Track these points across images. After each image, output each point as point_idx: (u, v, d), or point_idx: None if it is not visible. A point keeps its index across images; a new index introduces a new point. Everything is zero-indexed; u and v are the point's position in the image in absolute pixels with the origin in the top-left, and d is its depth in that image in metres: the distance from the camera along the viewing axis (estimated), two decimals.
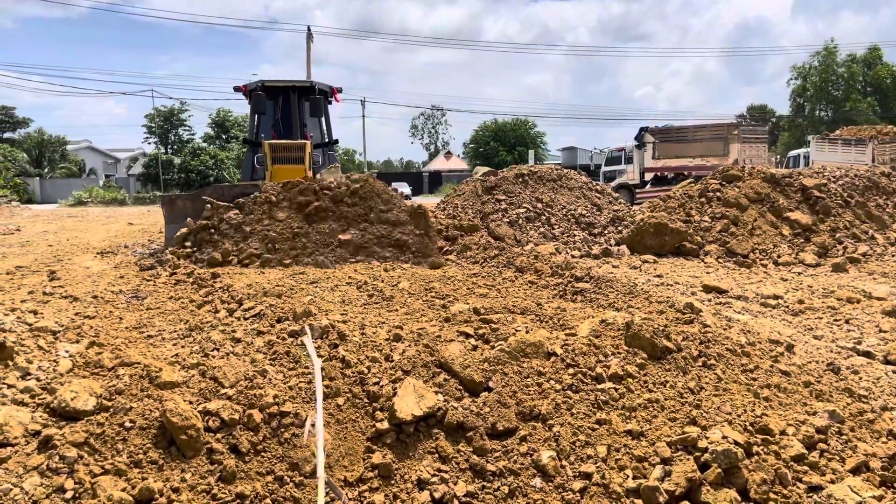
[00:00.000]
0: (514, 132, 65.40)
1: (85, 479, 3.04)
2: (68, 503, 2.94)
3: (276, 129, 13.94)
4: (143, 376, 3.81)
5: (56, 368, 3.87)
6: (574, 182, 14.65)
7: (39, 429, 3.26)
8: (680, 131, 27.92)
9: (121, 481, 3.07)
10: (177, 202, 9.73)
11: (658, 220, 12.45)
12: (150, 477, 3.12)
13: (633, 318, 4.73)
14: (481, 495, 3.36)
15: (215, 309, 5.81)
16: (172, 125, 64.70)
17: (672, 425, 3.77)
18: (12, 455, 3.13)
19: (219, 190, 10.03)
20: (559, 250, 11.94)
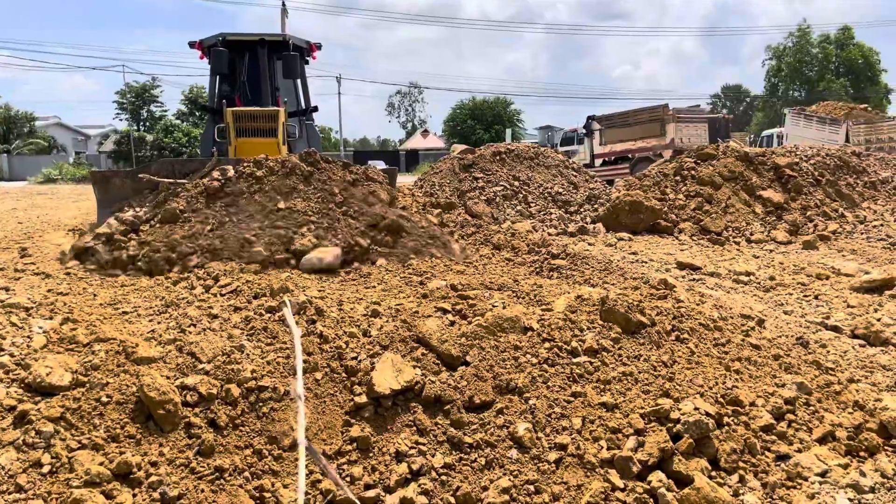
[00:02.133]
0: (491, 110, 65.29)
1: (62, 453, 3.03)
2: (45, 477, 2.94)
3: (242, 93, 11.19)
4: (119, 352, 3.79)
5: (30, 344, 3.84)
6: (551, 160, 14.71)
7: (14, 404, 3.24)
8: (622, 116, 28.77)
9: (98, 455, 3.07)
10: (112, 180, 7.81)
11: (633, 199, 12.55)
12: (128, 451, 3.13)
13: (609, 294, 4.79)
14: (458, 467, 3.41)
15: (191, 285, 5.78)
16: (144, 101, 63.69)
17: (645, 398, 3.84)
18: None
19: (167, 165, 8.10)
20: (536, 228, 12.00)
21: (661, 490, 3.20)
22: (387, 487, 3.28)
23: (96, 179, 7.97)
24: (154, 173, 7.67)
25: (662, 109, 26.49)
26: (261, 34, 11.07)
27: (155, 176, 7.62)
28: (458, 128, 65.14)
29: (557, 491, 3.26)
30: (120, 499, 2.89)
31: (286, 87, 11.88)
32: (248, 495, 3.13)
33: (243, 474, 3.21)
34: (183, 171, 7.71)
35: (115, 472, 3.00)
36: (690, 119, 26.22)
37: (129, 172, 8.00)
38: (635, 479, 3.33)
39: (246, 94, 11.13)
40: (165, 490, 2.97)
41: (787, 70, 65.41)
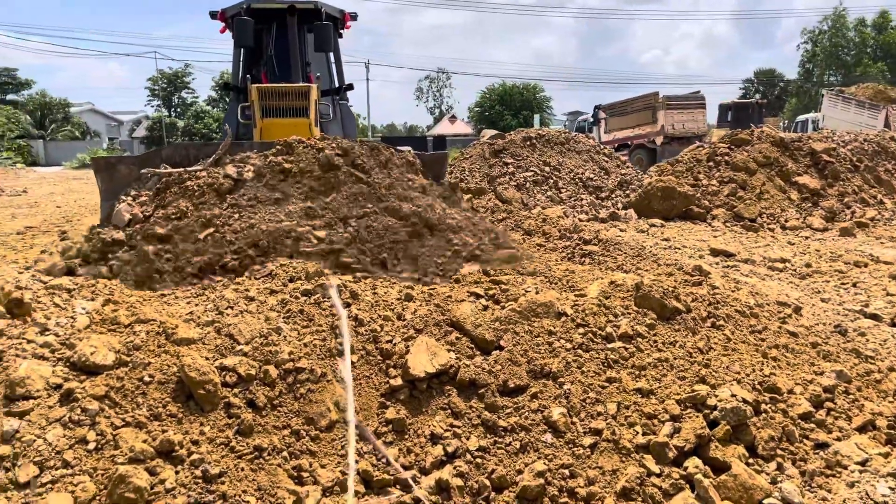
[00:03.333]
0: (520, 96, 64.84)
1: (107, 430, 3.10)
2: (91, 454, 3.01)
3: (269, 68, 9.96)
4: (160, 333, 3.86)
5: (74, 325, 3.92)
6: (582, 146, 14.60)
7: (60, 382, 3.32)
8: (622, 105, 28.99)
9: (142, 433, 3.14)
10: (118, 168, 6.59)
11: (666, 184, 12.43)
12: (170, 429, 3.19)
13: (643, 280, 4.75)
14: (493, 450, 3.42)
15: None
16: (176, 88, 64.36)
17: (681, 384, 3.82)
18: (35, 408, 3.19)
19: (181, 150, 6.93)
20: (567, 214, 11.94)
21: (698, 476, 3.19)
22: (422, 469, 3.31)
23: (99, 167, 6.65)
24: (167, 158, 6.65)
25: (653, 97, 26.47)
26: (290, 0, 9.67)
27: (167, 161, 6.59)
28: (485, 113, 64.82)
29: (592, 475, 3.27)
30: (163, 475, 2.96)
31: (318, 61, 10.62)
32: (286, 474, 3.17)
33: (282, 454, 3.25)
34: (198, 156, 6.71)
35: (158, 449, 3.07)
36: (683, 106, 25.98)
37: (136, 159, 6.69)
38: (671, 464, 3.32)
39: (273, 69, 9.88)
40: (207, 468, 3.03)
41: (822, 55, 63.95)
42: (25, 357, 3.44)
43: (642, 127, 26.59)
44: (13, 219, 11.90)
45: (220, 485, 3.00)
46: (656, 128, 25.68)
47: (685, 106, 25.92)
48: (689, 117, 25.56)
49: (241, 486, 3.04)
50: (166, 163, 6.54)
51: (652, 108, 26.23)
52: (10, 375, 3.25)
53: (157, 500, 2.87)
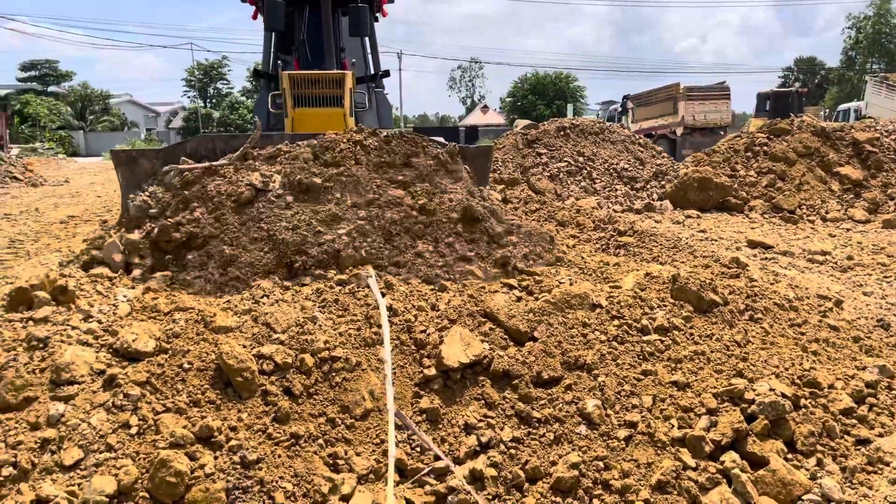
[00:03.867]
0: (553, 85, 64.35)
1: (148, 416, 3.17)
2: (133, 438, 3.08)
3: (301, 54, 9.29)
4: (199, 321, 3.93)
5: (116, 312, 4.01)
6: (616, 136, 14.45)
7: (104, 368, 3.39)
8: (647, 95, 28.95)
9: (182, 419, 3.20)
10: (140, 161, 6.01)
11: (702, 175, 12.25)
12: (209, 416, 3.25)
13: (680, 272, 4.70)
14: (527, 441, 3.42)
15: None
16: (212, 79, 65.12)
17: (718, 377, 3.78)
18: (79, 392, 3.27)
19: (207, 142, 6.27)
20: (601, 205, 11.84)
21: (735, 471, 3.15)
22: (456, 458, 3.32)
23: (119, 160, 6.01)
24: (191, 151, 6.04)
25: (675, 87, 26.33)
26: None
27: (192, 155, 5.99)
28: (518, 103, 64.47)
29: (627, 468, 3.25)
30: (203, 460, 3.01)
31: (353, 46, 9.97)
32: (322, 462, 3.21)
33: (317, 441, 3.29)
34: (225, 149, 6.05)
35: (198, 435, 3.13)
36: (705, 96, 25.72)
37: (158, 152, 6.10)
38: (707, 458, 3.28)
39: (306, 54, 9.22)
40: (245, 454, 3.08)
41: (865, 42, 62.24)
42: (70, 343, 3.52)
43: (665, 118, 26.61)
44: (56, 208, 12.18)
45: (257, 471, 3.05)
46: (677, 118, 25.64)
47: (707, 97, 25.73)
48: (712, 108, 25.36)
49: (278, 472, 3.08)
50: (191, 156, 5.95)
51: (673, 99, 26.10)
52: (56, 361, 3.33)
53: (196, 485, 2.92)
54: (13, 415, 3.16)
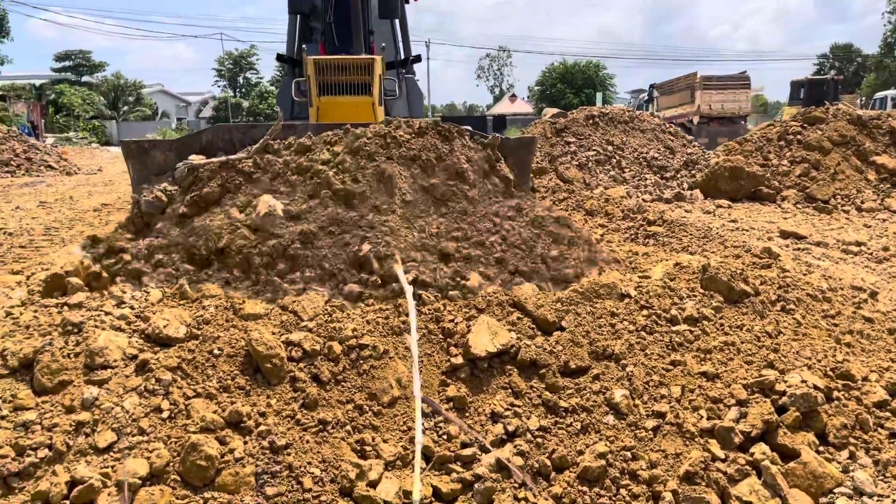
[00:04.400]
0: (581, 74, 63.76)
1: (179, 400, 3.22)
2: (165, 422, 3.13)
3: (327, 38, 8.55)
4: (227, 308, 3.97)
5: (147, 298, 4.07)
6: (646, 124, 14.30)
7: (136, 353, 3.45)
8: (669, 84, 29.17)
9: (212, 404, 3.25)
10: (152, 153, 5.47)
11: (734, 164, 12.07)
12: (239, 401, 3.29)
13: (710, 262, 4.65)
14: (554, 430, 3.42)
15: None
16: (241, 69, 65.63)
17: (748, 368, 3.73)
18: (112, 377, 3.33)
19: (224, 132, 5.71)
20: (630, 194, 11.74)
21: (765, 462, 3.12)
22: (482, 447, 3.33)
23: (131, 152, 5.45)
24: (207, 143, 5.51)
25: (693, 77, 26.55)
26: None
27: (208, 147, 5.50)
28: (547, 92, 64.00)
29: (655, 458, 3.23)
30: (232, 445, 3.05)
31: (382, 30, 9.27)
32: (349, 448, 3.24)
33: (345, 428, 3.32)
34: (244, 141, 5.49)
35: (228, 420, 3.17)
36: (723, 86, 25.86)
37: (172, 143, 5.55)
38: (737, 450, 3.25)
39: (332, 38, 8.49)
40: (273, 439, 3.12)
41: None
42: (103, 328, 3.58)
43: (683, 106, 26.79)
44: (89, 196, 12.40)
45: (286, 456, 3.09)
46: (693, 107, 25.67)
47: (725, 86, 25.80)
48: (731, 97, 25.41)
49: (307, 457, 3.12)
50: (207, 148, 5.45)
51: (691, 88, 26.39)
52: (90, 346, 3.39)
53: (226, 469, 2.97)
54: (49, 398, 3.23)
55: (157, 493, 2.84)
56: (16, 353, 3.34)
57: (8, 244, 6.80)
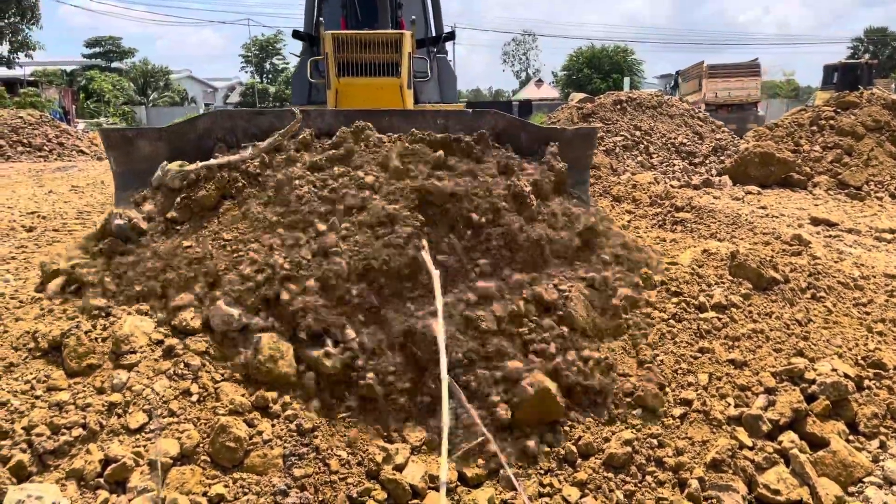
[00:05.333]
0: (609, 59, 63.06)
1: (208, 384, 3.26)
2: (194, 405, 3.18)
3: (349, 10, 7.39)
4: None
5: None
6: (675, 109, 14.11)
7: (162, 338, 3.48)
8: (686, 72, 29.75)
9: (240, 388, 3.29)
10: (137, 143, 4.52)
11: (764, 150, 11.88)
12: (263, 387, 3.32)
13: (738, 248, 4.59)
14: (580, 417, 3.41)
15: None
16: (268, 55, 65.86)
17: (777, 356, 3.69)
18: (141, 360, 3.37)
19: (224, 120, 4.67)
20: (657, 180, 11.61)
21: (794, 451, 3.09)
22: None
23: (112, 142, 4.50)
24: (204, 132, 4.53)
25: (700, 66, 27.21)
26: None
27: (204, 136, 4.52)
28: (573, 77, 63.39)
29: (682, 446, 3.21)
30: (260, 427, 3.09)
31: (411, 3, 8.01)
32: (375, 432, 3.27)
33: (372, 412, 3.34)
34: (248, 130, 4.53)
35: (255, 404, 3.21)
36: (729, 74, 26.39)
37: (161, 132, 4.53)
38: (765, 438, 3.22)
39: (355, 11, 7.31)
40: (301, 422, 3.15)
41: None
42: (129, 314, 3.61)
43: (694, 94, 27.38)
44: None
45: (313, 438, 3.12)
46: (700, 95, 26.43)
47: (732, 74, 26.42)
48: (738, 85, 26.01)
49: (333, 440, 3.15)
50: (203, 137, 4.48)
51: (699, 77, 26.99)
52: (116, 332, 3.43)
53: (254, 450, 3.01)
54: (80, 379, 3.29)
55: (188, 473, 2.89)
56: (45, 334, 3.40)
57: (42, 227, 6.92)
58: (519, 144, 4.57)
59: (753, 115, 24.81)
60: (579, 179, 4.64)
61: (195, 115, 4.49)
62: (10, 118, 19.70)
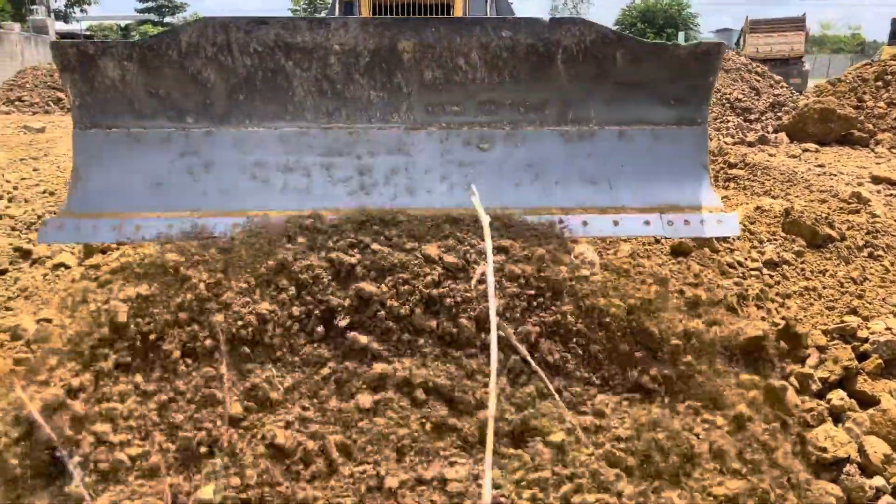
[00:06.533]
0: (663, 13, 61.21)
1: None
2: None
3: None
4: None
5: None
6: (731, 63, 13.67)
7: None
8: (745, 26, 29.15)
9: None
10: (100, 62, 3.17)
11: (824, 106, 11.45)
12: None
13: (793, 205, 4.49)
14: None
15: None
16: (316, 9, 65.61)
17: (829, 314, 3.63)
18: None
19: (215, 32, 3.18)
20: (711, 136, 11.33)
21: (843, 408, 3.06)
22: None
23: (66, 61, 3.19)
24: (188, 48, 3.20)
25: (746, 22, 26.99)
26: None
27: (190, 52, 3.20)
28: (626, 31, 61.88)
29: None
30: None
31: None
32: None
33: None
34: (246, 43, 3.21)
35: None
36: (772, 29, 26.10)
37: (132, 47, 3.18)
38: (814, 396, 3.19)
39: None
40: None
41: None
42: None
43: (743, 49, 26.90)
44: None
45: None
46: (745, 51, 25.74)
47: (775, 29, 26.04)
48: (781, 40, 25.81)
49: None
50: (187, 55, 3.20)
51: (743, 32, 27.00)
52: None
53: None
54: None
55: None
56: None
57: None
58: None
59: (797, 70, 24.32)
60: (695, 116, 3.39)
61: (178, 25, 3.45)
62: None
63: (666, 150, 3.33)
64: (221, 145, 3.28)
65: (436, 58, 3.19)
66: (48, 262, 4.27)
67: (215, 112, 3.27)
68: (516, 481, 2.32)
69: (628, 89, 3.29)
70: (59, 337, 2.60)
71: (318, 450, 2.37)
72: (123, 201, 3.20)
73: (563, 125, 3.32)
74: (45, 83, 19.01)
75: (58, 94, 18.62)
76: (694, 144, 3.37)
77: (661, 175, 3.32)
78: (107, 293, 2.75)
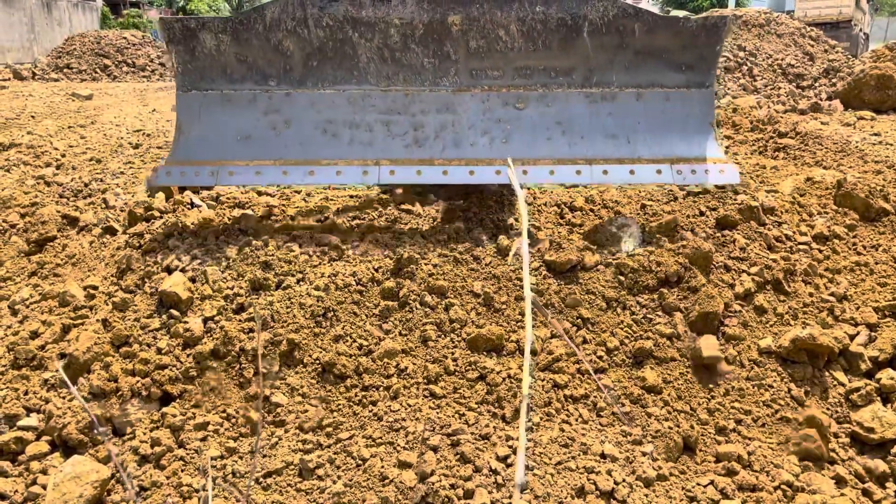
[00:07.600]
0: None
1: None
2: None
3: None
4: None
5: None
6: (784, 28, 13.17)
7: None
8: None
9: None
10: (200, 36, 3.83)
11: (882, 72, 10.98)
12: None
13: (846, 177, 4.34)
14: None
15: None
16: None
17: (881, 290, 3.51)
18: None
19: (294, 7, 3.78)
20: (760, 104, 10.99)
21: (893, 388, 2.96)
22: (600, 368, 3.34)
23: (174, 35, 3.82)
24: (272, 23, 3.79)
25: None
26: None
27: (271, 28, 3.79)
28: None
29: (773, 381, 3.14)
30: None
31: None
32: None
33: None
34: (320, 19, 3.78)
35: None
36: None
37: (226, 23, 3.82)
38: (863, 376, 3.10)
39: None
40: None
41: None
42: None
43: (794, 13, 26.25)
44: None
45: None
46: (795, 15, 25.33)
47: None
48: (830, 3, 24.91)
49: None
50: (271, 28, 3.77)
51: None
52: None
53: None
54: None
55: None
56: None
57: (147, 144, 7.22)
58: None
59: (846, 34, 23.41)
60: (703, 80, 3.84)
61: (262, 4, 3.83)
62: (115, 38, 20.39)
63: (677, 110, 3.85)
64: (298, 105, 3.87)
65: (480, 29, 3.74)
66: (95, 230, 4.36)
67: (293, 76, 3.87)
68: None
69: (645, 57, 3.81)
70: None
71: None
72: (219, 151, 3.81)
73: (588, 88, 3.88)
74: (92, 50, 19.26)
75: (104, 61, 18.90)
76: (702, 105, 3.87)
77: (673, 131, 3.83)
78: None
